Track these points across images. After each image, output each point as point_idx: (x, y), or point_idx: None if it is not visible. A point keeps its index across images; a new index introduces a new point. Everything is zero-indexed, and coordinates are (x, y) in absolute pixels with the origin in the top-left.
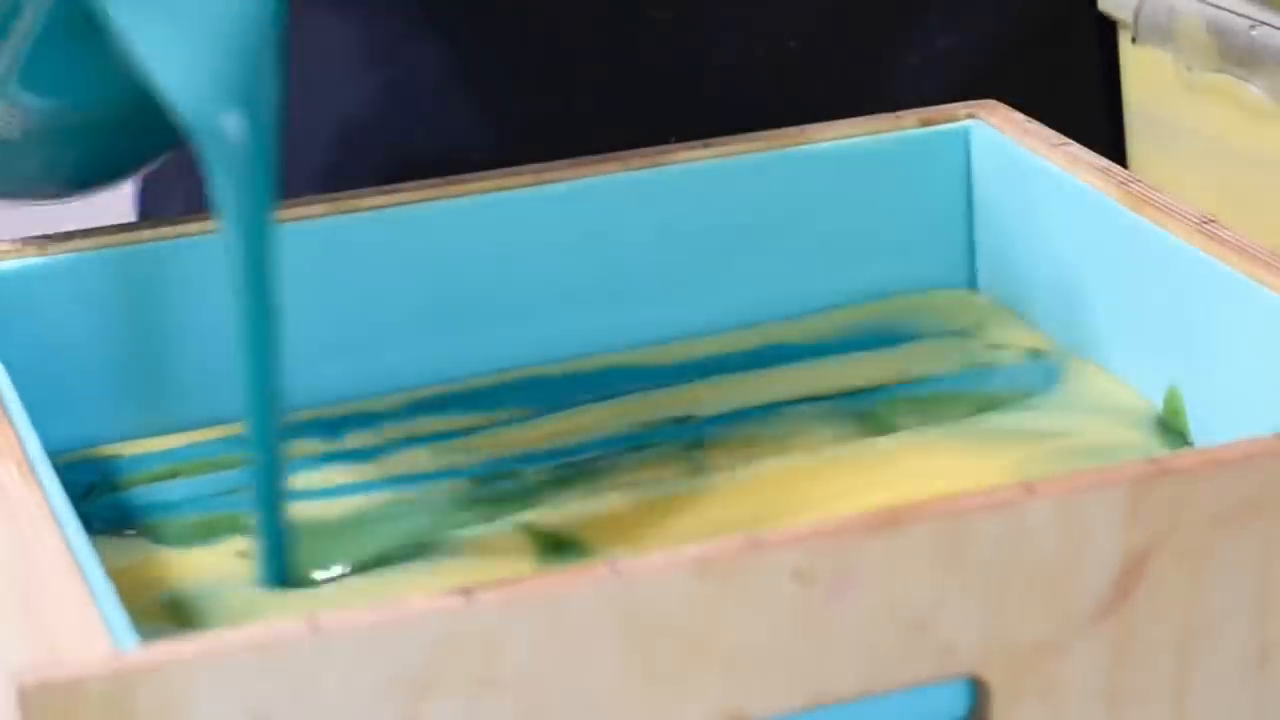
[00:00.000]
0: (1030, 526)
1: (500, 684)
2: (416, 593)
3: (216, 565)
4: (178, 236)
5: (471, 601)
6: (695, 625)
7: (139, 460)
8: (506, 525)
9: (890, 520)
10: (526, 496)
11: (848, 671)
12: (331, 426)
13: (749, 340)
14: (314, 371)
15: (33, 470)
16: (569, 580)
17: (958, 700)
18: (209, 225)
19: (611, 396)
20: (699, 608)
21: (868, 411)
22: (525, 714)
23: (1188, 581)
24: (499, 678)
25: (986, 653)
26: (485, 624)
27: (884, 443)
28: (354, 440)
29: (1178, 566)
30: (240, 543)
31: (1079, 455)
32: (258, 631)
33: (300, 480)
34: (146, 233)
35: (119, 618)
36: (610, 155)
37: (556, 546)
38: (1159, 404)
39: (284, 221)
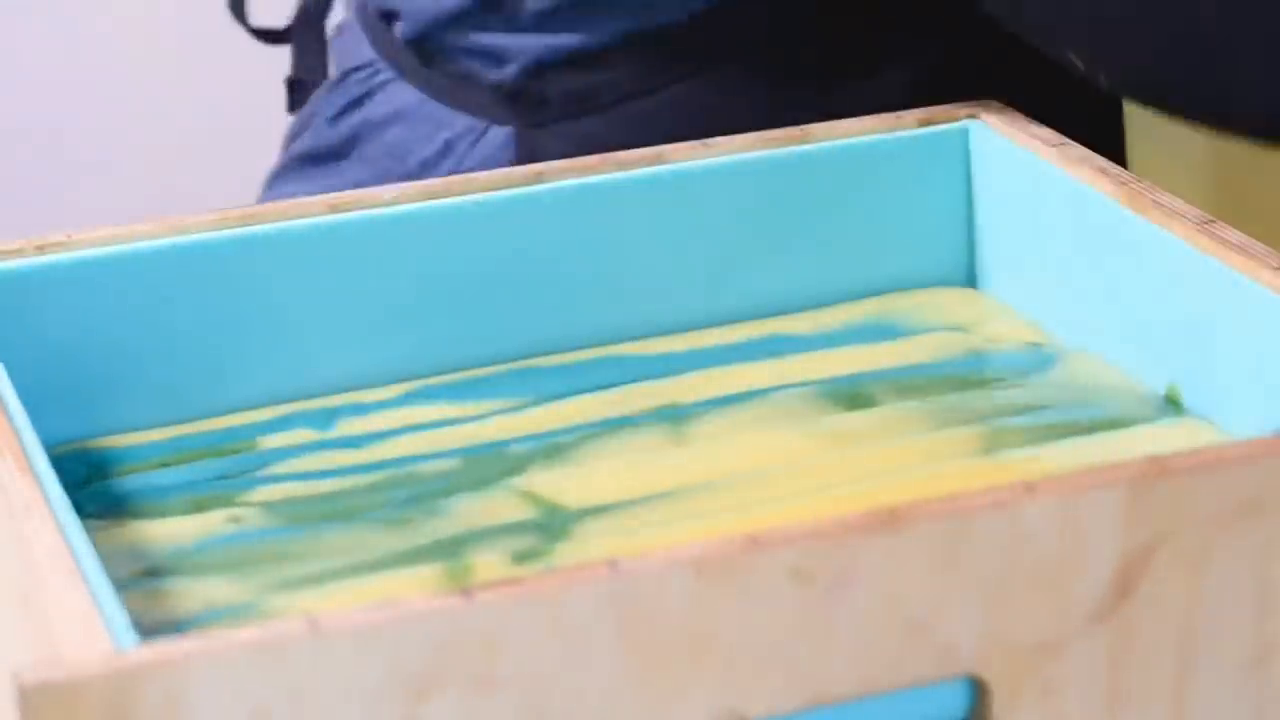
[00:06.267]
0: (1030, 526)
1: (500, 684)
2: (417, 592)
3: (205, 526)
4: (175, 236)
5: (471, 601)
6: (694, 625)
7: (133, 451)
8: (496, 490)
9: (890, 520)
10: (514, 468)
11: (847, 671)
12: (323, 416)
13: (748, 334)
14: (310, 364)
15: (32, 468)
16: (569, 580)
17: (958, 700)
18: (206, 224)
19: (604, 388)
20: (698, 607)
21: (853, 392)
22: (525, 714)
23: (1188, 581)
24: (499, 677)
25: (986, 653)
26: (485, 624)
27: (856, 416)
28: (344, 428)
29: (1178, 566)
30: (231, 512)
31: (1060, 427)
32: (258, 631)
33: (286, 466)
34: (144, 232)
35: (119, 617)
36: (610, 155)
37: (544, 507)
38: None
39: (285, 221)
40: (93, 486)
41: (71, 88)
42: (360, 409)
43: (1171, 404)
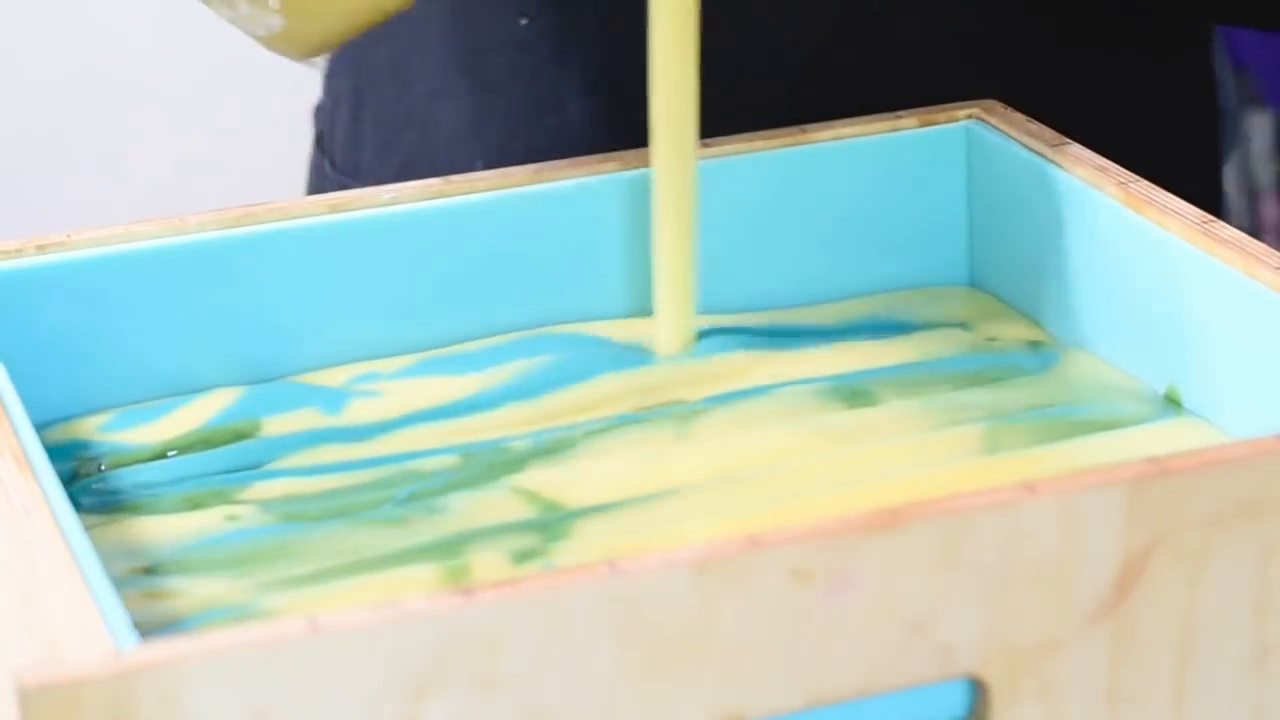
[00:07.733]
0: (1030, 526)
1: (500, 684)
2: (416, 592)
3: (203, 524)
4: (175, 236)
5: (471, 601)
6: (694, 625)
7: (130, 445)
8: (496, 488)
9: (890, 520)
10: (513, 465)
11: (847, 671)
12: (334, 396)
13: (748, 331)
14: (309, 364)
15: (32, 468)
16: (569, 580)
17: (958, 700)
18: (206, 224)
19: (604, 384)
20: (698, 607)
21: (856, 389)
22: (525, 714)
23: (1187, 581)
24: (499, 677)
25: (986, 653)
26: (485, 624)
27: (858, 414)
28: (354, 413)
29: (1178, 566)
30: (229, 509)
31: (1060, 427)
32: (258, 631)
33: (284, 461)
34: (144, 232)
35: (119, 618)
36: (610, 155)
37: (544, 506)
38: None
39: (285, 221)
40: (87, 480)
41: (72, 88)
42: (364, 396)
43: (1171, 404)
